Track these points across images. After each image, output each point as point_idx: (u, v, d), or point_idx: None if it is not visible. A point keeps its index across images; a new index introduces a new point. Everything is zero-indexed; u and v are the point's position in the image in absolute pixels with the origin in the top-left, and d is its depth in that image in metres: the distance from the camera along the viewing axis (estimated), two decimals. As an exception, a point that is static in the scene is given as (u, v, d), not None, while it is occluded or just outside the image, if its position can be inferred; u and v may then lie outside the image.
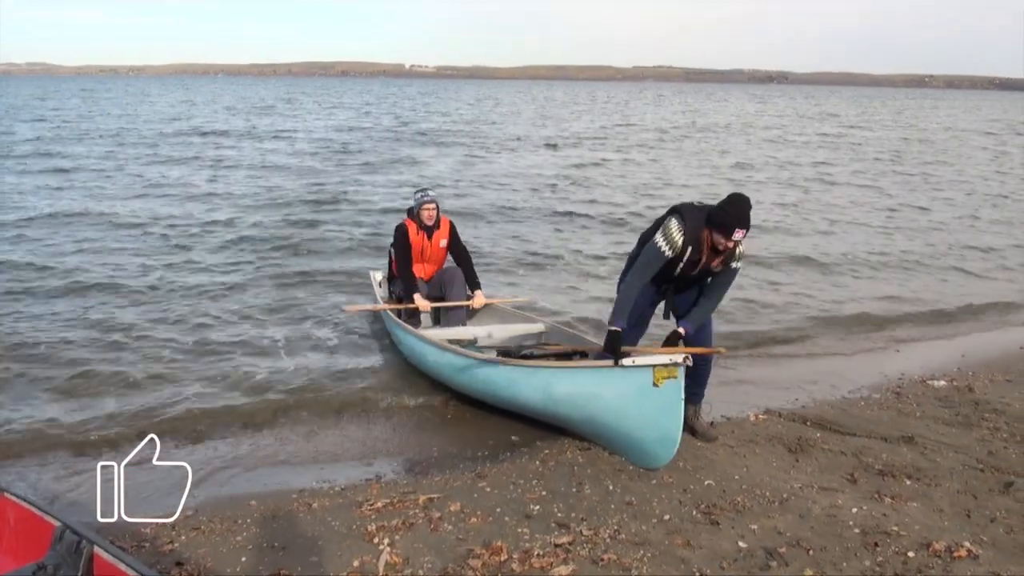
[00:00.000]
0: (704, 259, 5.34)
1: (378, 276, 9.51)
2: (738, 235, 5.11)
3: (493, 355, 6.49)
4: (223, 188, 19.13)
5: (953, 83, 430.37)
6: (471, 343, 7.37)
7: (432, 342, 6.88)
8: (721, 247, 5.22)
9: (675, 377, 4.89)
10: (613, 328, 5.34)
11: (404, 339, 7.47)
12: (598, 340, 6.77)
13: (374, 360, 7.95)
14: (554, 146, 31.91)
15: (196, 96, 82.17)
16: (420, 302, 7.88)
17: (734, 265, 5.41)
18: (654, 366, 4.91)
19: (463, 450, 5.91)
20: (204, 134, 33.94)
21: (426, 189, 8.29)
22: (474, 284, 8.25)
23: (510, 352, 6.58)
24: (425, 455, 5.87)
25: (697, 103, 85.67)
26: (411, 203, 8.23)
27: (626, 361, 5.01)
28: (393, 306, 8.13)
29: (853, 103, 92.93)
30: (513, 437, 6.10)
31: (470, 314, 8.35)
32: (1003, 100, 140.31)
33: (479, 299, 8.15)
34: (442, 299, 8.18)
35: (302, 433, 6.28)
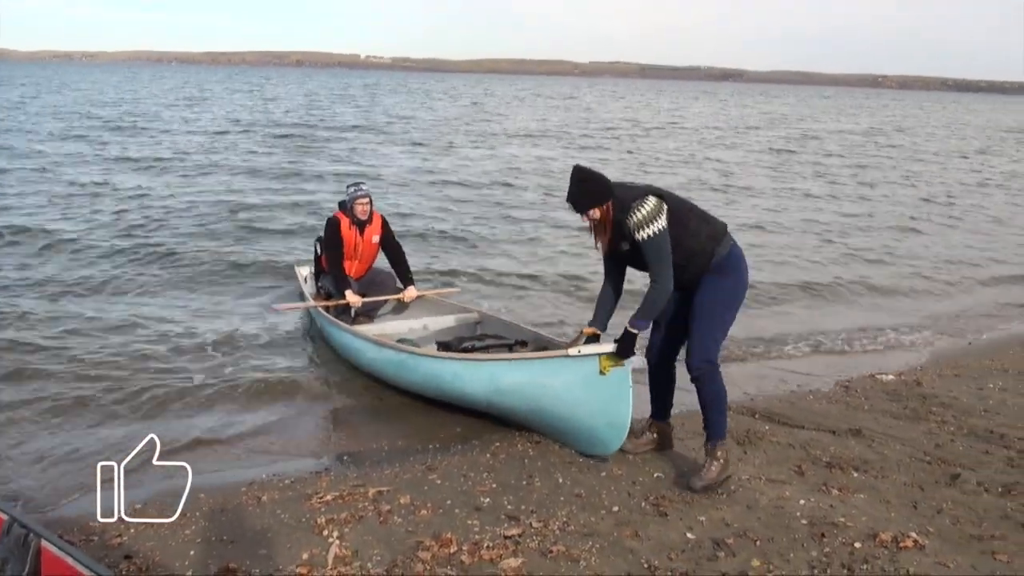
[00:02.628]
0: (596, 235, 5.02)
1: (304, 271, 9.29)
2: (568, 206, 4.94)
3: (433, 349, 6.46)
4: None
5: (906, 83, 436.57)
6: (406, 338, 7.23)
7: (368, 338, 6.79)
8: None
9: (621, 365, 4.90)
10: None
11: (338, 336, 7.34)
12: (534, 328, 6.92)
13: (313, 354, 7.89)
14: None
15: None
16: (351, 297, 7.71)
17: (639, 237, 4.72)
18: (600, 355, 4.91)
19: (413, 443, 5.87)
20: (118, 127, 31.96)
21: (360, 182, 8.09)
22: (407, 279, 8.09)
23: (449, 345, 6.50)
24: (375, 448, 5.83)
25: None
26: (343, 196, 8.06)
27: (572, 351, 5.00)
28: (323, 303, 7.91)
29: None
30: (457, 429, 6.09)
31: (401, 308, 8.27)
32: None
33: (411, 293, 8.00)
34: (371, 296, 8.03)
35: (250, 427, 6.19)
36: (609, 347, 4.91)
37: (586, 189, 4.82)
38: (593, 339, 5.22)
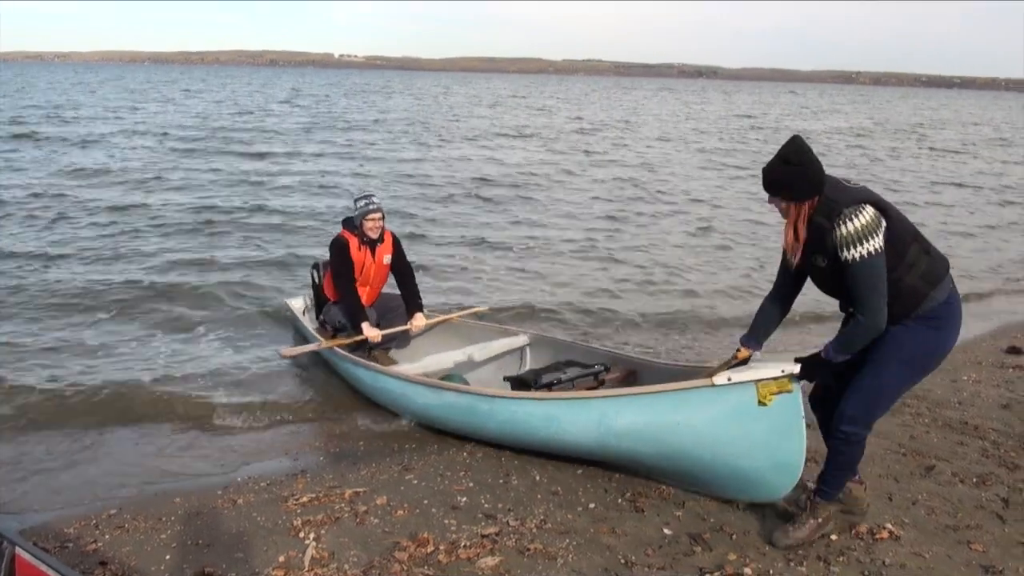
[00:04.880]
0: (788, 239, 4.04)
1: (297, 304, 8.18)
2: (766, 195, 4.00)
3: (507, 389, 5.68)
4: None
5: (880, 80, 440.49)
6: (453, 374, 6.43)
7: (419, 381, 5.83)
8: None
9: (788, 391, 4.11)
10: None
11: (372, 380, 6.29)
12: (608, 349, 6.44)
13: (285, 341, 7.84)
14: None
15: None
16: (370, 331, 6.74)
17: (844, 256, 3.77)
18: (757, 381, 4.13)
19: (389, 443, 5.84)
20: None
21: (371, 195, 6.95)
22: (415, 305, 7.10)
23: (525, 381, 5.66)
24: (351, 449, 5.82)
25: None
26: (352, 212, 6.97)
27: (719, 379, 4.20)
28: (341, 342, 6.78)
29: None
30: (434, 428, 6.00)
31: (433, 339, 7.34)
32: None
33: (419, 321, 7.02)
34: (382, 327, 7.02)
35: (226, 429, 6.18)
36: (770, 371, 4.13)
37: (795, 174, 3.84)
38: (742, 363, 4.39)
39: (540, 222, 15.04)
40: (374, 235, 6.87)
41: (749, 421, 4.19)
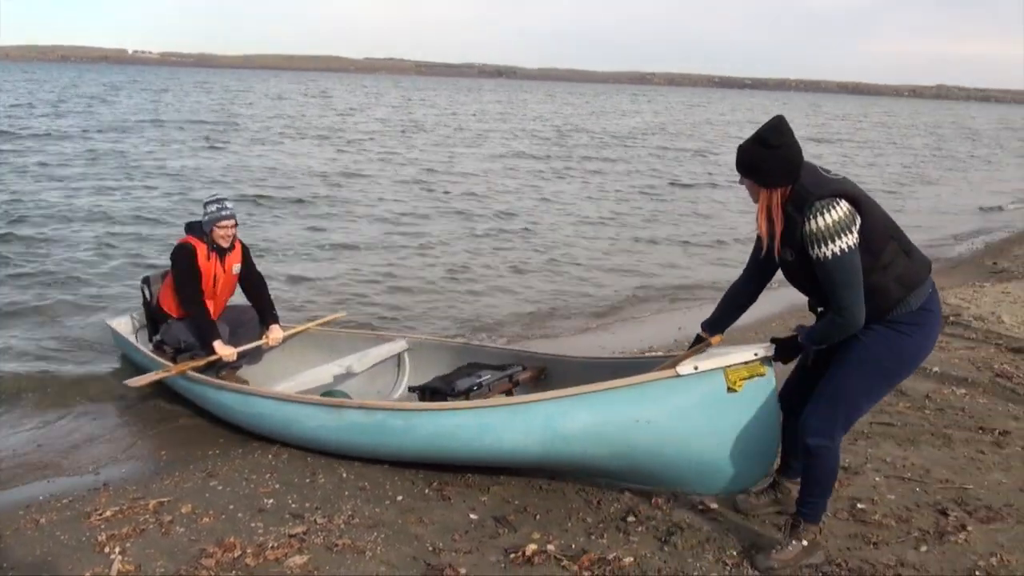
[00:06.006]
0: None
1: (123, 325, 7.32)
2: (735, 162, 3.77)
3: (412, 400, 5.39)
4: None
5: (674, 80, 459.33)
6: (334, 390, 6.10)
7: (315, 401, 5.33)
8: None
9: (761, 375, 3.94)
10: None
11: (247, 404, 5.61)
12: (513, 348, 6.42)
13: (86, 362, 7.55)
14: None
15: None
16: (223, 349, 6.26)
17: (815, 254, 3.54)
18: (725, 367, 3.90)
19: (193, 451, 5.74)
20: None
21: (223, 199, 6.46)
22: (271, 316, 6.71)
23: (438, 391, 5.25)
24: (154, 459, 5.70)
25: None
26: (200, 217, 6.50)
27: (684, 368, 3.93)
28: (194, 364, 6.15)
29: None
30: (238, 432, 5.92)
31: (298, 353, 6.86)
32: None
33: (276, 333, 6.62)
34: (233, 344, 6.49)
35: (25, 446, 5.93)
36: (742, 355, 3.95)
37: (769, 157, 3.61)
38: (705, 351, 4.12)
39: (336, 225, 15.05)
40: (225, 243, 6.44)
41: (718, 411, 3.96)
